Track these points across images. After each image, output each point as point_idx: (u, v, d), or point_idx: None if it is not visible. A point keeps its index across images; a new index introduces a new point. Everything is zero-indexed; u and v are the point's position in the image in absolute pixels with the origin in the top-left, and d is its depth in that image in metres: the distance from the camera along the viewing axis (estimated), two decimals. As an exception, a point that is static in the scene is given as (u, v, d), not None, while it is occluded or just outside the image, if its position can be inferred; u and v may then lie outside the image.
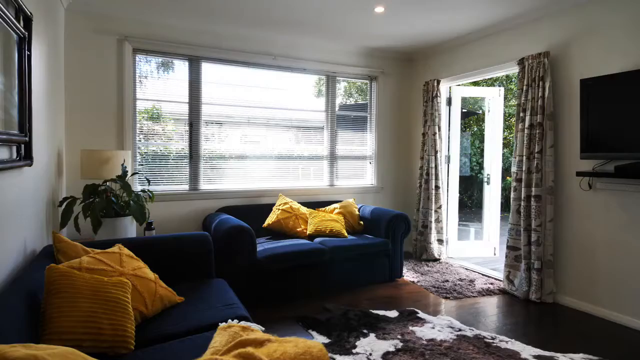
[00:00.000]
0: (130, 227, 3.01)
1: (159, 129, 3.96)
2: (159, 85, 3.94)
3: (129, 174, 3.19)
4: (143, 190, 3.19)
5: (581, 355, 2.44)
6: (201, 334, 1.83)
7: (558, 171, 3.39)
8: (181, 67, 4.01)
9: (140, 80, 3.88)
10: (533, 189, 3.39)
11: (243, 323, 1.68)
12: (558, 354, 2.43)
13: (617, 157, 2.86)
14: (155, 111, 3.94)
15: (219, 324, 1.71)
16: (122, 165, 3.08)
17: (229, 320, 1.76)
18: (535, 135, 3.40)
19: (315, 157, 4.72)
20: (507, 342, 2.59)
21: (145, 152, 3.90)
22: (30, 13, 2.02)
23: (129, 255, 2.14)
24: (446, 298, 3.47)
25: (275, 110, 4.50)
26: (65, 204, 2.80)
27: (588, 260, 3.19)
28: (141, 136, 3.87)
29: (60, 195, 3.19)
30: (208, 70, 4.12)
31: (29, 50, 2.02)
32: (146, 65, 3.92)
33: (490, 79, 8.02)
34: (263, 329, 1.72)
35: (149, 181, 3.46)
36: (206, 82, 4.11)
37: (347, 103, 5.17)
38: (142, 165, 3.84)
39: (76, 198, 2.85)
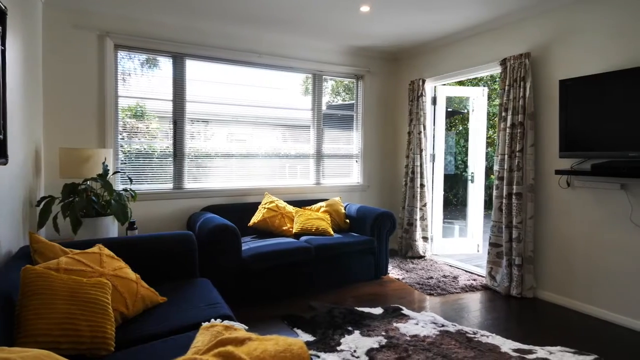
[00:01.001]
0: (111, 227, 2.96)
1: (143, 127, 3.91)
2: (143, 83, 3.88)
3: (111, 172, 3.14)
4: (125, 189, 3.14)
5: (558, 348, 2.49)
6: (183, 334, 1.81)
7: (538, 169, 3.45)
8: (165, 64, 3.96)
9: (123, 77, 3.82)
10: (514, 186, 3.45)
11: (226, 322, 1.67)
12: (536, 347, 2.49)
13: (594, 155, 2.93)
14: (139, 109, 3.89)
15: (202, 323, 1.70)
16: (103, 163, 3.03)
17: (212, 320, 1.75)
18: (517, 135, 3.45)
19: (302, 155, 4.71)
20: (488, 336, 2.63)
21: (128, 151, 3.84)
22: (5, 7, 1.97)
23: (109, 255, 2.11)
24: (430, 294, 3.51)
25: (262, 108, 4.48)
26: (43, 203, 2.74)
27: (566, 255, 3.26)
28: (124, 134, 3.81)
29: (38, 194, 3.13)
30: (193, 67, 4.08)
31: (4, 45, 1.98)
32: (129, 62, 3.86)
33: (475, 78, 8.10)
34: (246, 327, 1.72)
35: (131, 180, 3.41)
36: (191, 80, 4.07)
37: (335, 101, 5.18)
38: (125, 163, 3.79)
39: (55, 197, 2.80)
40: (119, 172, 3.52)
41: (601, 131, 2.89)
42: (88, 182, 2.95)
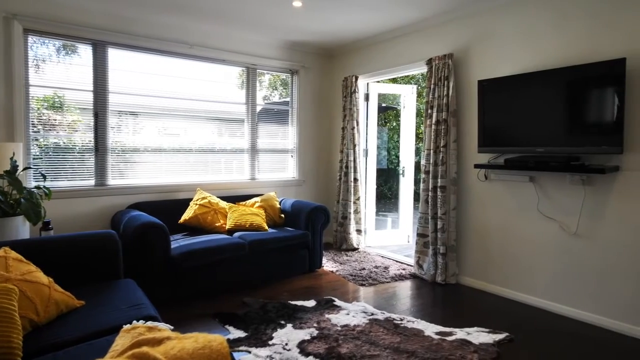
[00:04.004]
0: (22, 228, 2.72)
1: (62, 119, 3.61)
2: (60, 71, 3.58)
3: (20, 168, 2.87)
4: (38, 187, 2.89)
5: (475, 328, 2.71)
6: (102, 338, 1.72)
7: (460, 164, 3.70)
8: (86, 52, 3.69)
9: (36, 64, 3.49)
10: (439, 180, 3.66)
11: (150, 323, 1.61)
12: (456, 329, 2.68)
13: (507, 151, 3.20)
14: (56, 99, 3.58)
15: (123, 326, 1.63)
16: (11, 159, 2.76)
17: (134, 321, 1.68)
18: (441, 131, 3.67)
19: (237, 150, 4.64)
20: (413, 322, 2.79)
21: (45, 145, 3.53)
22: None
23: (16, 258, 1.94)
24: (362, 285, 3.64)
25: (196, 101, 4.33)
26: (-63, 203, 2.45)
27: (484, 243, 3.54)
28: (39, 127, 3.50)
29: None
30: (117, 56, 3.83)
31: None
32: (43, 48, 3.54)
33: (407, 76, 8.47)
34: (172, 327, 1.67)
35: (44, 177, 3.14)
36: (115, 70, 3.82)
37: (273, 95, 5.14)
38: (41, 158, 3.48)
39: (-48, 196, 2.51)
40: (30, 167, 3.21)
41: (513, 128, 3.16)
42: (-7, 179, 2.68)
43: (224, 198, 4.21)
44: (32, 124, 3.45)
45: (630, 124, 2.64)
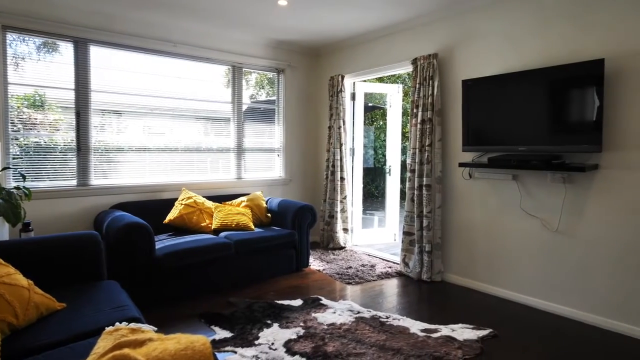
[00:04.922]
0: (0, 230, 2.66)
1: (43, 118, 3.54)
2: (41, 69, 3.51)
3: (-1, 168, 2.81)
4: (17, 187, 2.83)
5: (460, 325, 2.74)
6: (84, 341, 1.69)
7: (445, 162, 3.73)
8: (67, 50, 3.62)
9: (15, 62, 3.42)
10: (424, 178, 3.69)
11: (133, 325, 1.60)
12: (441, 326, 2.71)
13: (491, 149, 3.25)
14: (37, 98, 3.51)
15: (105, 328, 1.60)
16: (-10, 158, 2.70)
17: (117, 323, 1.66)
18: (426, 130, 3.70)
19: (224, 149, 4.61)
20: (399, 319, 2.81)
21: (25, 144, 3.46)
22: None
23: (-6, 260, 1.89)
24: (349, 283, 3.65)
25: (182, 100, 4.29)
26: None
27: (469, 241, 3.59)
28: (19, 126, 3.42)
29: None
30: (99, 54, 3.77)
31: None
32: (23, 46, 3.46)
33: (394, 76, 8.50)
34: (155, 329, 1.65)
35: (24, 177, 3.07)
36: (98, 68, 3.76)
37: (260, 94, 5.12)
38: (21, 158, 3.40)
39: None
40: (9, 167, 3.14)
41: (497, 127, 3.20)
42: (-30, 180, 2.62)
43: (209, 198, 4.18)
44: (12, 122, 3.37)
45: (609, 123, 2.71)
